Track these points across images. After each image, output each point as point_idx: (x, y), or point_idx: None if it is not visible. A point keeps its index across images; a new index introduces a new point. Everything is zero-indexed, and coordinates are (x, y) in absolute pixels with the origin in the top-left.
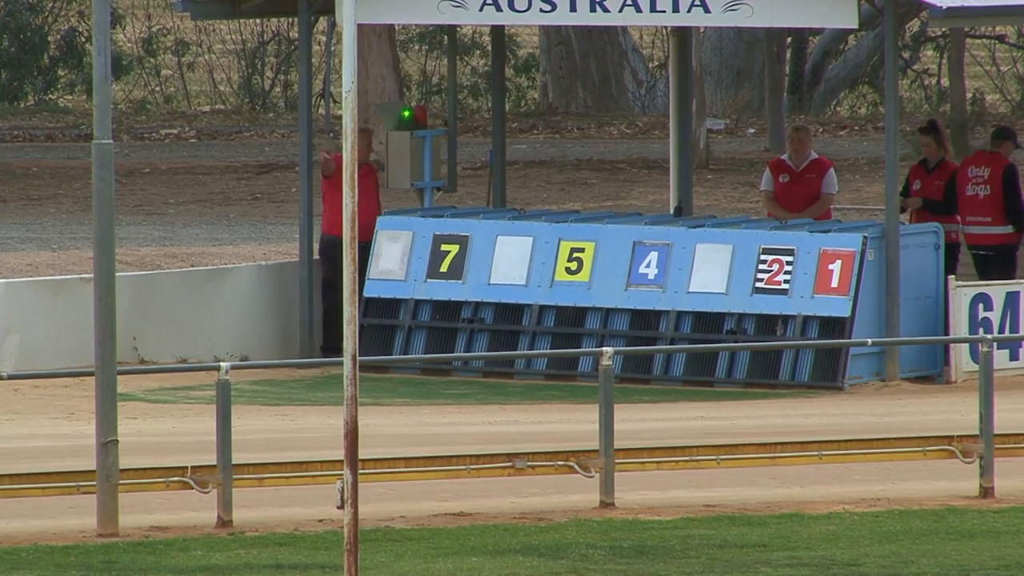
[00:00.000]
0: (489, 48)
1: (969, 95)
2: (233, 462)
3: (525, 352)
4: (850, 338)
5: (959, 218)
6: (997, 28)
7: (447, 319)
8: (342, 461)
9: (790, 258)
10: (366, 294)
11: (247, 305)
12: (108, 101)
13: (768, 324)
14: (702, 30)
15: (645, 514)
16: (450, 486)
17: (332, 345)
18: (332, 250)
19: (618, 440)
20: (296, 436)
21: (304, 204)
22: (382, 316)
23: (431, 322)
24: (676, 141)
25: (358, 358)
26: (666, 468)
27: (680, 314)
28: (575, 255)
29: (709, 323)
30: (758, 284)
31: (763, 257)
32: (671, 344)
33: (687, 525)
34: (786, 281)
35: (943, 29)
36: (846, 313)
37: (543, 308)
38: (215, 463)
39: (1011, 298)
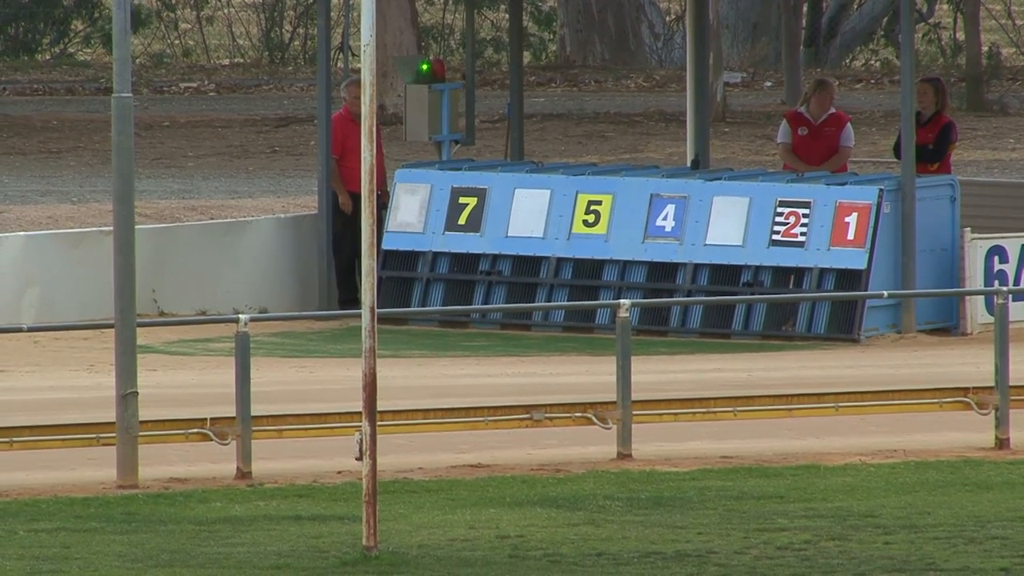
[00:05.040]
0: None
1: (985, 49)
2: (252, 414)
3: (543, 304)
4: (866, 290)
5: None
6: None
7: (465, 271)
8: (360, 413)
9: (806, 211)
10: (384, 247)
11: (266, 258)
12: (127, 55)
13: (784, 276)
14: None
15: (662, 465)
16: (468, 438)
17: (347, 299)
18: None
19: (635, 392)
20: (315, 388)
21: (322, 157)
22: (400, 269)
23: (449, 275)
24: (693, 94)
25: (376, 310)
26: (683, 420)
27: (697, 266)
28: (592, 208)
29: (726, 275)
30: (775, 236)
31: (779, 210)
32: (688, 296)
33: (704, 476)
34: (802, 234)
35: None
36: (862, 265)
37: (560, 260)
38: (234, 415)
39: None
